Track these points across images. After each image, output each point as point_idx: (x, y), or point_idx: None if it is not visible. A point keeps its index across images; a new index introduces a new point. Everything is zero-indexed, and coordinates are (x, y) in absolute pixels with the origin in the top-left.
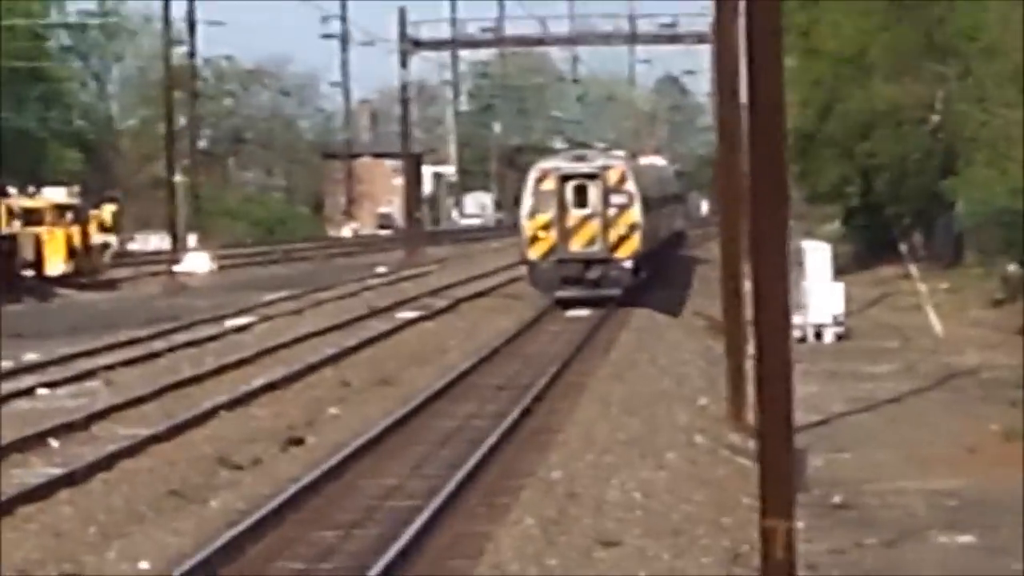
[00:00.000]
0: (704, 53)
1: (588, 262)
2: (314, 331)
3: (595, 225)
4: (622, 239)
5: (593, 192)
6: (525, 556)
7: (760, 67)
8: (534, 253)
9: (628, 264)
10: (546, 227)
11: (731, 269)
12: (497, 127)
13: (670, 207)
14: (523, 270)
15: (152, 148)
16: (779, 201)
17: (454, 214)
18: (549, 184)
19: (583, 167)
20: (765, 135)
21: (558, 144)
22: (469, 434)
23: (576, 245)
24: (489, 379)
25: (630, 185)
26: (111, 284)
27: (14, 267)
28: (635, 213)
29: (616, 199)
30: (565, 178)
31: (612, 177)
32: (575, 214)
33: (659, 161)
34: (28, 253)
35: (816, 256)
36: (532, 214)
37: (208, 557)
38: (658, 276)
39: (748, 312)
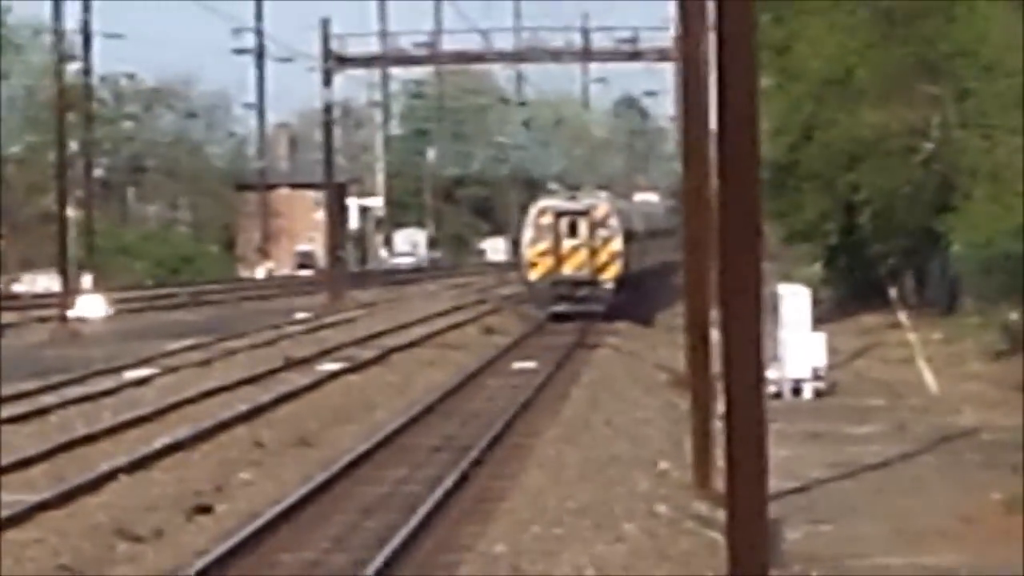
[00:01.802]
0: (667, 72)
1: (577, 283)
2: (224, 385)
3: (584, 253)
4: (606, 264)
5: (583, 226)
6: None
7: (731, 87)
8: (533, 275)
9: (610, 285)
10: (543, 254)
11: (697, 317)
12: (432, 154)
13: (657, 240)
14: (468, 314)
15: (41, 178)
16: (752, 239)
17: (383, 252)
18: (547, 219)
19: (575, 206)
20: (736, 164)
21: (503, 172)
22: (399, 502)
23: (568, 269)
24: (423, 440)
25: (613, 221)
26: None
27: None
28: (617, 244)
29: (601, 232)
30: (560, 214)
31: (598, 214)
32: (567, 244)
33: (652, 198)
34: None
35: (793, 302)
36: (532, 243)
37: None
38: (641, 298)
39: (716, 365)
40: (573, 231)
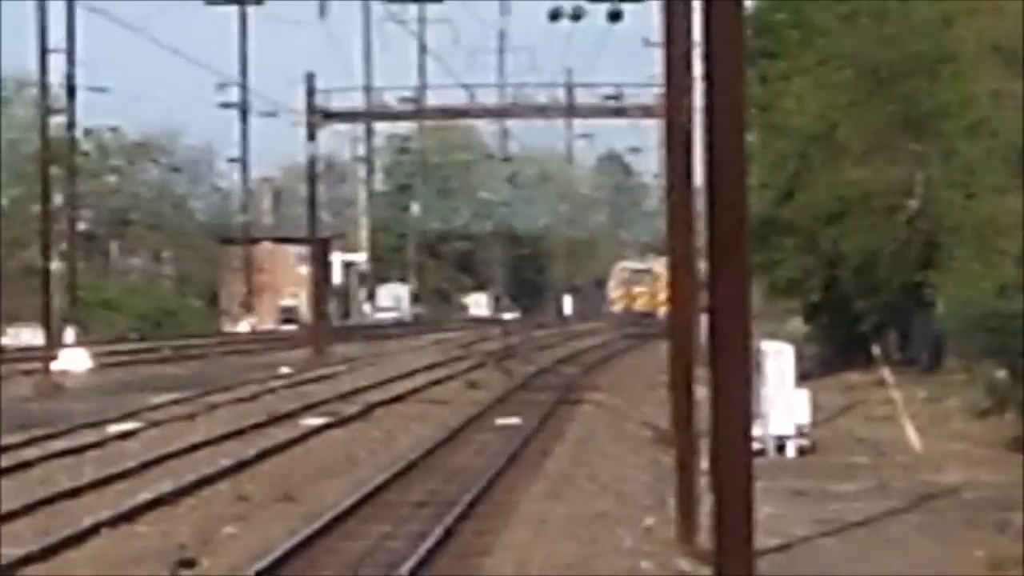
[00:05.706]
0: (651, 128)
1: (643, 314)
2: (208, 439)
3: (646, 296)
4: (660, 303)
5: (646, 279)
6: None
7: (721, 144)
8: (616, 308)
9: (662, 317)
10: (622, 296)
11: (682, 374)
12: (416, 209)
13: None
14: (451, 369)
15: (25, 231)
16: (741, 296)
17: (366, 307)
18: (625, 274)
19: (641, 265)
20: (725, 221)
21: (487, 228)
22: (383, 558)
23: (637, 305)
24: (406, 496)
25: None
26: None
27: None
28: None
29: (658, 283)
30: (633, 271)
31: (656, 271)
32: (636, 289)
33: None
34: None
35: (777, 359)
36: (615, 289)
37: None
38: None
39: (700, 422)
40: (640, 281)
